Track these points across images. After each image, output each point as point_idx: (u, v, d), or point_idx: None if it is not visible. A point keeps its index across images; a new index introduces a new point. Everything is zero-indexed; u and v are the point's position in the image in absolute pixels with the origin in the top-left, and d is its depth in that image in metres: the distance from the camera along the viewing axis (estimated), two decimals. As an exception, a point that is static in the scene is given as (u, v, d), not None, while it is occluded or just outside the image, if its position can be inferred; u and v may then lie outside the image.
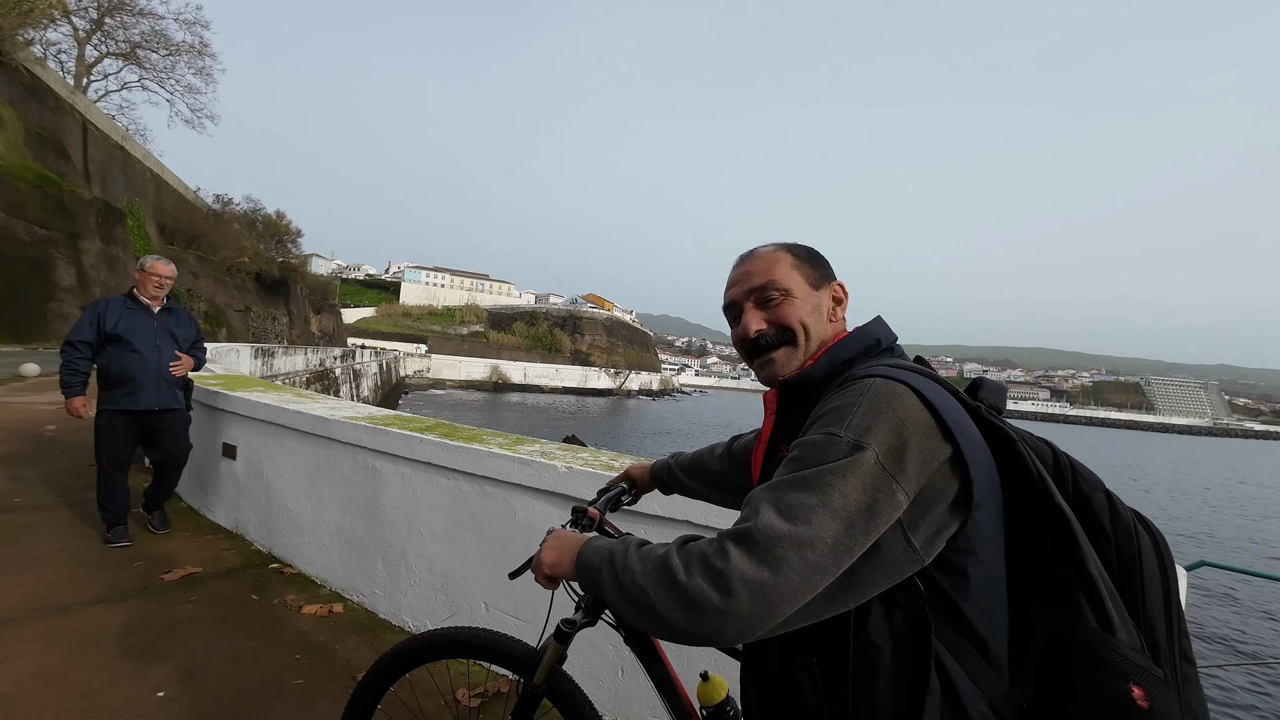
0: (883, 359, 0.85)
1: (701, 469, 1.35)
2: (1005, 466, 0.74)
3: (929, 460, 0.69)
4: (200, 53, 33.21)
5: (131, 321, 3.36)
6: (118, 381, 3.31)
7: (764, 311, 0.93)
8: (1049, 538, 0.70)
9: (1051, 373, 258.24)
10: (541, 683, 1.22)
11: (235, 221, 40.22)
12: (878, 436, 0.69)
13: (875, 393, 0.73)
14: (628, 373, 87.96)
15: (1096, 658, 0.65)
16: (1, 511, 3.74)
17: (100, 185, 27.13)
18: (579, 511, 1.29)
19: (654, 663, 1.22)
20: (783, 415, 0.91)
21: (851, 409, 0.73)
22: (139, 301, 3.45)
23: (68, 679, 2.09)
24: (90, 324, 3.27)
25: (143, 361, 3.35)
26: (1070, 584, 0.68)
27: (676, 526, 1.99)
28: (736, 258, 0.99)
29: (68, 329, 4.02)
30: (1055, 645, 0.68)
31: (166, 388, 3.46)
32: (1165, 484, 32.47)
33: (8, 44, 21.99)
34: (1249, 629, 8.88)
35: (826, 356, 0.88)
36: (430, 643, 1.34)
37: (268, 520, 3.46)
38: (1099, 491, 0.75)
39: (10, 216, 19.44)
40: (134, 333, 3.34)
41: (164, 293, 3.54)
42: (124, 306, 3.39)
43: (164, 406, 3.46)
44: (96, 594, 2.75)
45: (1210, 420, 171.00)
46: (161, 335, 3.46)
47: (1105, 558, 0.71)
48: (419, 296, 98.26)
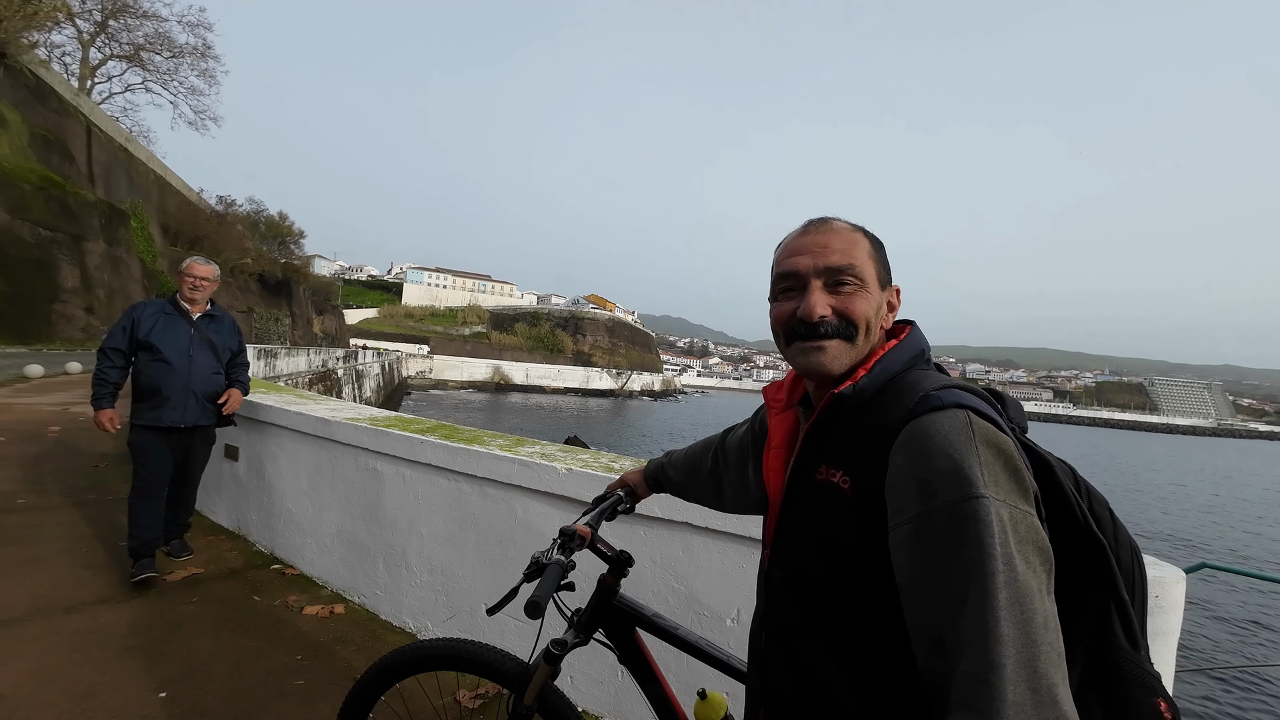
0: (927, 371, 0.80)
1: (695, 467, 1.29)
2: (1044, 493, 0.71)
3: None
4: (203, 54, 33.39)
5: (166, 328, 3.04)
6: (145, 393, 3.00)
7: (832, 296, 0.80)
8: (1087, 564, 0.70)
9: (1054, 373, 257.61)
10: (532, 703, 1.19)
11: (238, 223, 40.36)
12: (1003, 488, 0.63)
13: (984, 436, 0.66)
14: (629, 373, 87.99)
15: (1130, 676, 0.67)
16: (5, 512, 3.75)
17: (104, 187, 27.24)
18: (566, 534, 1.18)
19: (651, 684, 1.20)
20: (823, 428, 0.80)
21: (967, 458, 0.64)
22: (179, 306, 3.13)
23: (70, 679, 2.09)
24: (123, 329, 2.98)
25: (169, 372, 3.00)
26: (1106, 608, 0.69)
27: (677, 529, 1.99)
28: (804, 222, 0.86)
29: (71, 330, 3.93)
30: (1092, 666, 0.69)
31: (195, 403, 3.09)
32: (1168, 484, 32.36)
33: (13, 46, 22.10)
34: (1250, 631, 8.86)
35: (880, 367, 0.78)
36: (419, 655, 1.32)
37: (269, 521, 3.47)
38: (1106, 511, 0.75)
39: (15, 218, 19.53)
40: (165, 340, 3.01)
41: (202, 296, 3.18)
42: (162, 311, 3.08)
43: (192, 424, 3.10)
44: (99, 594, 2.76)
45: (1214, 421, 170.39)
46: (197, 344, 3.11)
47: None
48: (421, 297, 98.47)
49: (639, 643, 1.23)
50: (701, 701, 1.14)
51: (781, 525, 0.84)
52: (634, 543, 2.08)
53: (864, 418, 0.76)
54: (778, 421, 0.91)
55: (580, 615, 1.23)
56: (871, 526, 0.70)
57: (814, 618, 0.77)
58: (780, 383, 0.96)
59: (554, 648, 1.16)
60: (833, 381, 0.81)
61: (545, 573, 1.03)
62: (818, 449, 0.80)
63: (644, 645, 1.23)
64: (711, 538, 1.94)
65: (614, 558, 1.21)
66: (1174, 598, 1.41)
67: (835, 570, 0.74)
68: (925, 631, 0.63)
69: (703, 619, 1.95)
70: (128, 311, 3.07)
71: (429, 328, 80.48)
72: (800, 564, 0.80)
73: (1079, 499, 0.72)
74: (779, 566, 0.84)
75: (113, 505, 4.10)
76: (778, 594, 0.84)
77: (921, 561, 0.63)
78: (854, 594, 0.72)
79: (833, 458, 0.77)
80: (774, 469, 0.88)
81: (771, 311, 0.86)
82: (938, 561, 0.62)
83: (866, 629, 0.70)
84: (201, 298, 3.18)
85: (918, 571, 0.64)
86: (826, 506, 0.76)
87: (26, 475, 4.62)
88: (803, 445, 0.82)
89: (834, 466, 0.76)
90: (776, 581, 0.84)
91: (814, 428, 0.81)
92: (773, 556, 0.86)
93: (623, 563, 1.21)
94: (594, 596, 1.23)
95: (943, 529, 0.62)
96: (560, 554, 1.10)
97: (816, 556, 0.77)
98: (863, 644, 0.71)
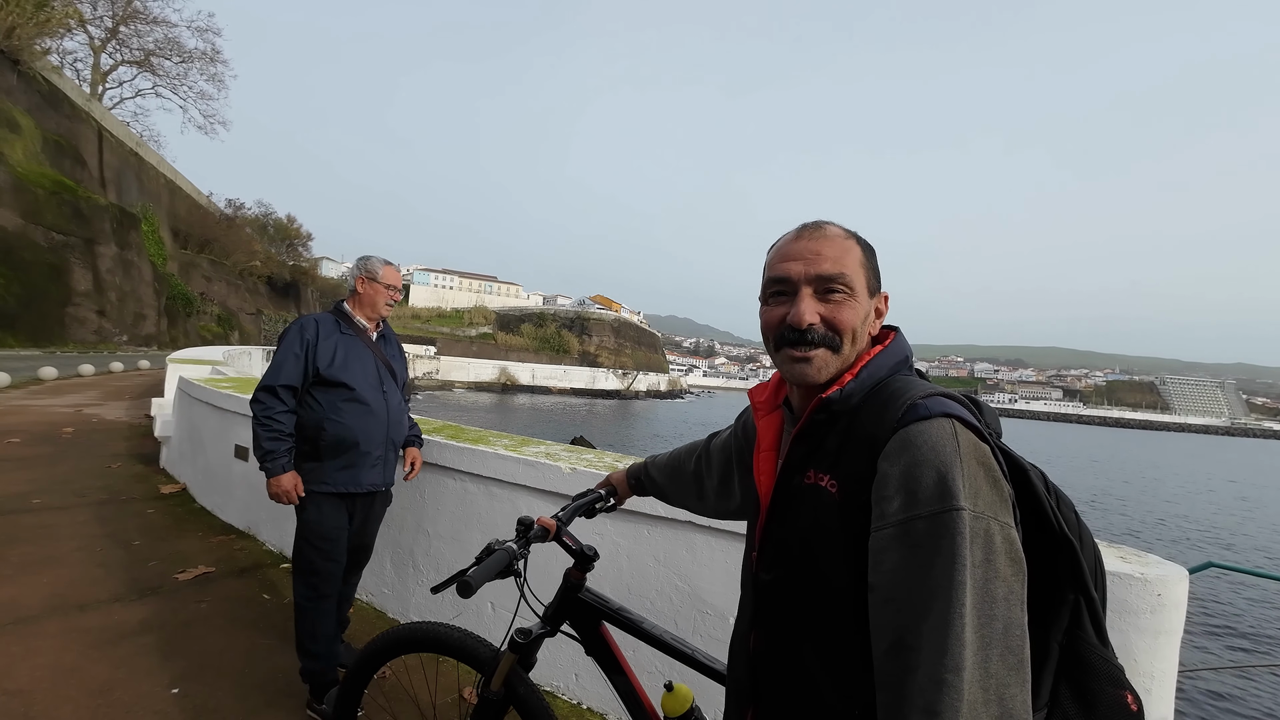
0: (910, 377, 0.81)
1: (678, 469, 1.28)
2: (1018, 497, 0.73)
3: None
4: (212, 59, 33.82)
5: (350, 354, 2.23)
6: (334, 449, 2.16)
7: (822, 304, 0.81)
8: (1058, 565, 0.72)
9: (1064, 372, 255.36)
10: (499, 689, 1.20)
11: (247, 225, 40.76)
12: (984, 499, 0.65)
13: (967, 447, 0.68)
14: (635, 374, 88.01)
15: (1099, 671, 0.69)
16: (21, 512, 3.82)
17: (115, 191, 27.58)
18: (524, 524, 1.17)
19: (617, 675, 1.21)
20: (811, 433, 0.81)
21: (951, 470, 0.65)
22: (354, 323, 2.30)
23: (86, 675, 2.14)
24: (296, 358, 2.14)
25: (369, 417, 2.21)
26: (1077, 606, 0.71)
27: (680, 528, 2.01)
28: (798, 226, 0.86)
29: (84, 333, 3.42)
30: (1065, 663, 0.71)
31: (394, 455, 2.36)
32: (1177, 484, 32.02)
33: (26, 53, 22.44)
34: (1259, 630, 8.79)
35: (866, 373, 0.79)
36: (399, 638, 1.39)
37: (279, 521, 3.51)
38: (1073, 513, 0.78)
39: (28, 223, 19.82)
40: (356, 373, 2.21)
41: (389, 311, 2.39)
42: (337, 330, 2.24)
43: (390, 484, 2.38)
44: (114, 593, 2.82)
45: (1228, 420, 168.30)
46: (385, 375, 2.32)
47: None
48: (428, 298, 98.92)
49: (605, 635, 1.24)
50: (668, 693, 1.15)
51: (770, 528, 0.84)
52: (637, 541, 2.10)
53: (852, 423, 0.77)
54: (765, 424, 0.92)
55: (547, 607, 1.25)
56: (856, 530, 0.71)
57: (803, 619, 0.78)
58: (765, 385, 0.96)
59: (518, 637, 1.19)
60: (819, 387, 0.82)
61: (489, 558, 1.05)
62: (805, 453, 0.81)
63: (610, 638, 1.25)
64: (715, 536, 1.95)
65: (579, 552, 1.22)
66: (1176, 596, 1.42)
67: (823, 572, 0.75)
68: (887, 632, 0.65)
69: (705, 617, 1.97)
70: (295, 330, 2.21)
71: (435, 329, 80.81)
72: (789, 566, 0.81)
73: (1050, 502, 0.74)
74: (767, 569, 0.84)
75: (125, 506, 4.17)
76: (766, 596, 0.84)
77: (897, 565, 0.65)
78: (840, 595, 0.73)
79: (821, 462, 0.78)
80: (764, 471, 0.88)
81: (762, 314, 0.87)
82: (912, 567, 0.64)
83: (851, 630, 0.71)
84: (388, 313, 2.40)
85: (892, 574, 0.66)
86: (812, 509, 0.77)
87: (41, 476, 4.70)
88: (790, 449, 0.83)
89: (822, 471, 0.77)
90: (765, 584, 0.84)
91: (801, 432, 0.81)
92: (760, 559, 0.86)
93: (588, 558, 1.22)
94: (560, 590, 1.24)
95: (921, 537, 0.64)
96: (513, 542, 1.11)
97: (805, 559, 0.78)
98: (848, 644, 0.72)
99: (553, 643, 1.27)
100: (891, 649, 0.64)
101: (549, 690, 2.26)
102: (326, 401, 2.16)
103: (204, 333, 32.18)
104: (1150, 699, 1.40)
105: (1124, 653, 1.38)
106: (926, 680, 0.60)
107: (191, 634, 2.50)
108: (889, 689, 0.64)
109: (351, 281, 2.33)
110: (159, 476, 5.07)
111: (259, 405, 2.11)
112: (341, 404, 2.17)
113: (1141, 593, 1.40)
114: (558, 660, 2.24)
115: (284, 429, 2.11)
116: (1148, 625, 1.40)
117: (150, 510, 4.14)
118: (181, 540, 3.61)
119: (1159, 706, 1.41)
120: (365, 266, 2.30)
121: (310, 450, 2.16)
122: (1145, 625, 1.40)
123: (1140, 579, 1.40)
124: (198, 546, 3.52)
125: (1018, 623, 0.61)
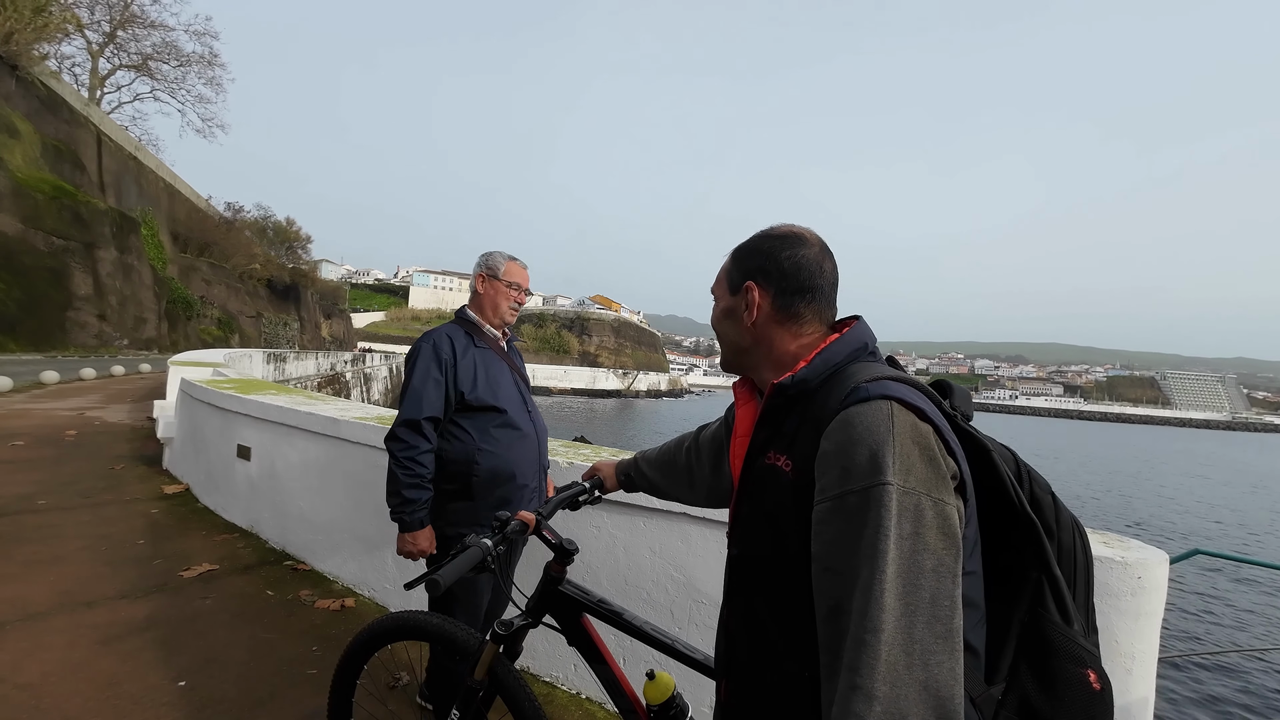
0: (869, 363, 0.84)
1: (670, 464, 1.32)
2: (980, 477, 0.78)
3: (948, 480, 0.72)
4: (210, 63, 33.87)
5: (490, 371, 1.90)
6: (488, 485, 1.84)
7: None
8: (1020, 544, 0.76)
9: (1065, 368, 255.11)
10: (482, 678, 1.22)
11: (246, 229, 40.79)
12: (915, 476, 0.68)
13: (903, 426, 0.71)
14: (636, 373, 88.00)
15: (1060, 649, 0.73)
16: (27, 513, 3.86)
17: (115, 195, 27.62)
18: (500, 520, 1.17)
19: (599, 664, 1.23)
20: (770, 417, 0.86)
21: (883, 447, 0.69)
22: (484, 333, 1.98)
23: (93, 669, 2.18)
24: (438, 384, 1.81)
25: (522, 443, 1.91)
26: (1040, 584, 0.75)
27: (675, 519, 2.05)
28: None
29: (85, 337, 2.80)
30: (1026, 640, 0.74)
31: (544, 484, 2.05)
32: (1176, 475, 32.05)
33: (24, 59, 22.47)
34: (1244, 617, 8.86)
35: (820, 359, 0.83)
36: (386, 628, 1.41)
37: (281, 519, 3.55)
38: (1047, 494, 0.82)
39: (29, 228, 19.87)
40: (502, 393, 1.90)
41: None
42: (471, 344, 1.91)
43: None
44: (119, 590, 2.86)
45: (1229, 414, 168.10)
46: (525, 391, 2.02)
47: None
48: (428, 300, 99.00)
49: (587, 626, 1.26)
50: (650, 682, 1.17)
51: (739, 506, 0.90)
52: (633, 533, 2.14)
53: (808, 406, 0.81)
54: (743, 412, 0.98)
55: (529, 600, 1.27)
56: (807, 505, 0.76)
57: (764, 591, 0.84)
58: (746, 377, 1.02)
59: (499, 628, 1.21)
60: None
61: (462, 554, 1.07)
62: (766, 436, 0.86)
63: (592, 629, 1.27)
64: (709, 527, 1.99)
65: (558, 546, 1.24)
66: (1156, 579, 1.46)
67: (779, 546, 0.80)
68: (826, 599, 0.70)
69: (700, 606, 2.01)
70: (430, 349, 1.84)
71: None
72: (752, 541, 0.87)
73: (1015, 483, 0.78)
74: (735, 544, 0.91)
75: (129, 506, 4.22)
76: (734, 570, 0.91)
77: (832, 537, 0.70)
78: (795, 567, 0.77)
79: (779, 444, 0.83)
80: (737, 455, 0.93)
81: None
82: (844, 538, 0.68)
83: (805, 600, 0.75)
84: (513, 318, 2.06)
85: (830, 545, 0.70)
86: (772, 488, 0.82)
87: (46, 478, 4.75)
88: (754, 432, 0.89)
89: (780, 452, 0.82)
90: (733, 559, 0.91)
91: (761, 416, 0.87)
92: (730, 534, 0.92)
93: (568, 551, 1.24)
94: (540, 583, 1.26)
95: (853, 510, 0.68)
96: (487, 539, 1.12)
97: (765, 534, 0.83)
98: (803, 614, 0.76)
99: (553, 635, 1.29)
100: (829, 614, 0.69)
101: (549, 681, 2.30)
102: (476, 430, 1.83)
103: (204, 336, 32.23)
104: (1131, 679, 1.44)
105: (1106, 634, 1.41)
106: (852, 641, 0.64)
107: (196, 629, 2.54)
108: (827, 650, 0.69)
109: (472, 281, 2.00)
110: (162, 477, 5.11)
111: (399, 445, 1.78)
112: (494, 431, 1.85)
113: (1122, 576, 1.44)
114: (557, 652, 2.28)
115: (427, 473, 1.80)
116: (1128, 608, 1.44)
117: (154, 510, 4.18)
118: (185, 539, 3.65)
119: (1139, 687, 1.45)
120: (486, 263, 1.96)
121: (459, 489, 1.83)
122: (1126, 608, 1.44)
123: (1121, 562, 1.44)
124: (201, 545, 3.56)
125: (947, 594, 0.64)
